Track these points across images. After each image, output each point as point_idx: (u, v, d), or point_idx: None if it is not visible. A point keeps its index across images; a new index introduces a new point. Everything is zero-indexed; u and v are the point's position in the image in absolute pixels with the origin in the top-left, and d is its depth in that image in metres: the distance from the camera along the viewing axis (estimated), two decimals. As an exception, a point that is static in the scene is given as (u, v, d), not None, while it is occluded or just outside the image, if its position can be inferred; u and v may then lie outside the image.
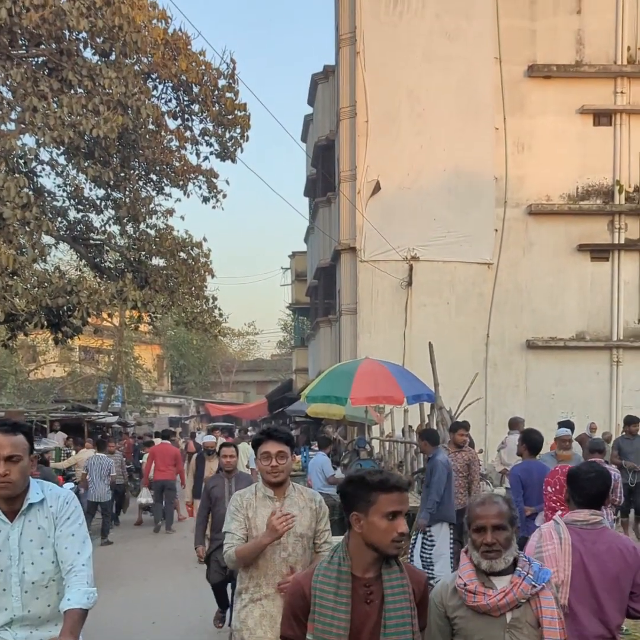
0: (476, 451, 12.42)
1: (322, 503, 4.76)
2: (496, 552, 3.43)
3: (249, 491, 4.76)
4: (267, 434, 4.69)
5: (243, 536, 4.59)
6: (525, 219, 23.93)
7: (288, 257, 39.95)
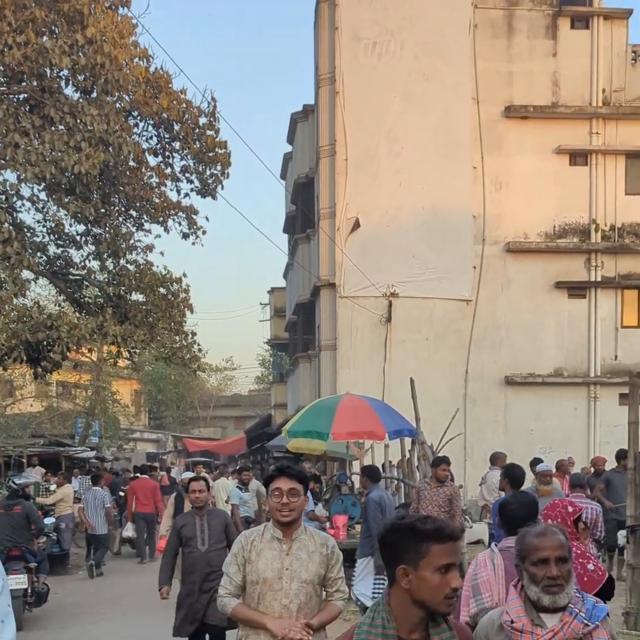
0: (457, 486, 12.46)
1: (335, 548, 4.53)
2: (559, 586, 3.19)
3: (255, 531, 4.55)
4: (279, 470, 4.49)
5: (240, 583, 4.42)
6: (503, 256, 24.19)
7: (267, 292, 40.13)
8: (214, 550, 7.41)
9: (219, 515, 7.91)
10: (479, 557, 4.60)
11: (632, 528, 8.80)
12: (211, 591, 7.11)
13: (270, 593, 4.31)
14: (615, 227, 24.54)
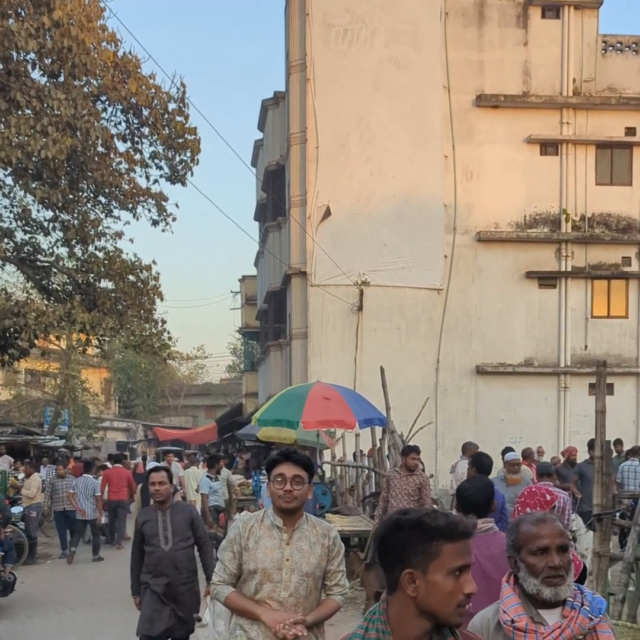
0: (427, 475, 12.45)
1: (337, 540, 4.28)
2: (561, 577, 2.92)
3: (254, 517, 4.28)
4: (284, 455, 4.22)
5: (235, 571, 4.17)
6: (474, 245, 24.22)
7: (238, 281, 39.90)
8: (179, 549, 6.86)
9: (183, 509, 7.15)
10: None
11: (598, 516, 8.78)
12: (177, 598, 6.80)
13: (268, 584, 4.09)
14: (585, 217, 24.64)
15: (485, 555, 4.35)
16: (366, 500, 14.82)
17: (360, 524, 12.76)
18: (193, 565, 7.01)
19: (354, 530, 12.63)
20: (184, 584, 6.88)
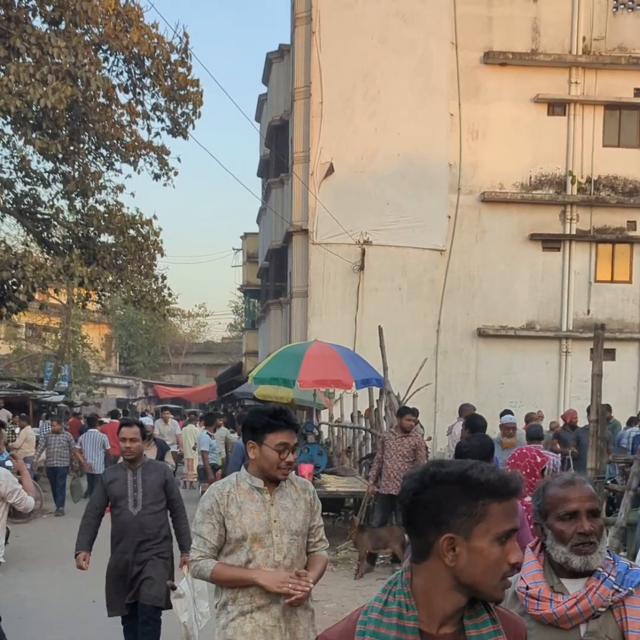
0: (425, 438, 12.38)
1: (315, 494, 4.11)
2: (592, 544, 2.67)
3: (228, 483, 3.95)
4: (285, 421, 3.88)
5: (216, 544, 3.86)
6: (478, 206, 23.93)
7: (240, 238, 39.52)
8: (150, 513, 6.20)
9: (156, 469, 6.40)
10: None
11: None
12: (145, 564, 6.18)
13: (261, 550, 3.82)
14: (591, 179, 24.30)
15: None
16: (362, 462, 14.77)
17: (356, 485, 12.72)
18: (165, 531, 6.34)
19: (350, 492, 12.61)
20: (154, 552, 6.23)
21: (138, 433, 6.24)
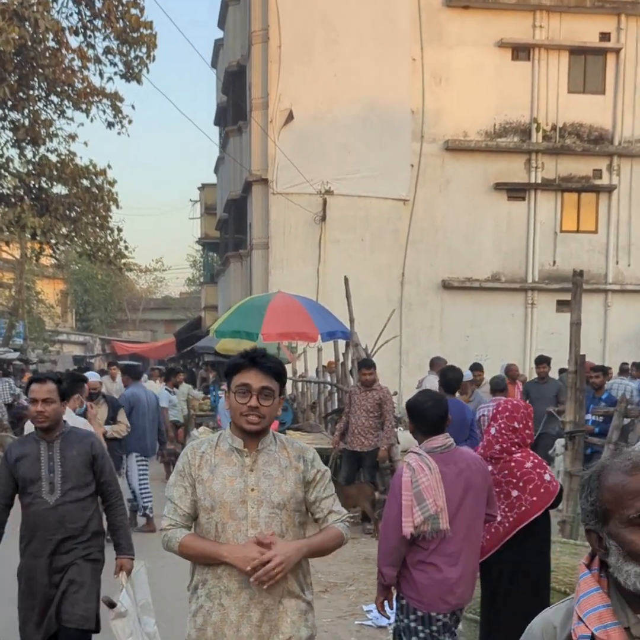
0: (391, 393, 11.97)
1: (315, 462, 3.42)
2: None
3: (206, 442, 3.38)
4: (251, 359, 3.27)
5: (189, 511, 3.30)
6: (441, 154, 23.40)
7: (197, 189, 38.84)
8: (72, 501, 4.60)
9: (80, 440, 4.71)
10: (411, 463, 4.30)
11: (570, 434, 8.35)
12: (67, 571, 4.61)
13: (231, 523, 3.21)
14: (556, 127, 23.88)
15: (454, 473, 4.29)
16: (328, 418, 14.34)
17: (322, 442, 12.27)
18: (94, 526, 4.75)
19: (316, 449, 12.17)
20: (80, 554, 4.66)
21: (54, 392, 4.63)
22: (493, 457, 5.02)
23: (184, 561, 3.42)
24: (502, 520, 4.89)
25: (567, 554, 6.55)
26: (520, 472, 4.94)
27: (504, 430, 5.03)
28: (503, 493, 4.93)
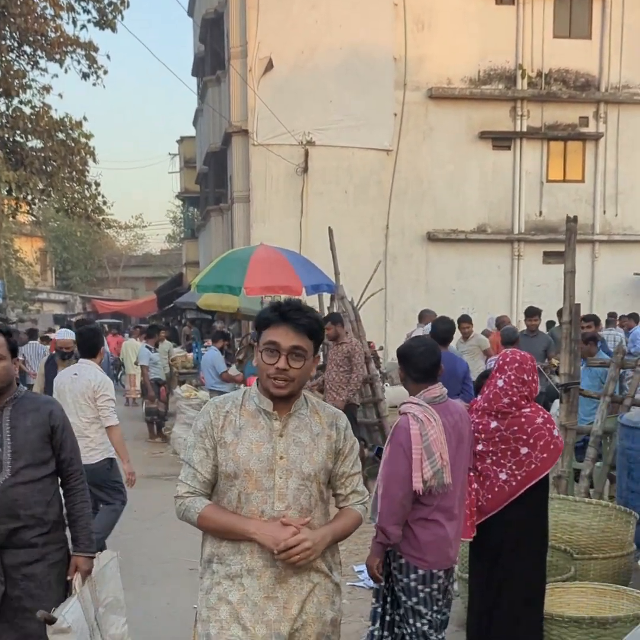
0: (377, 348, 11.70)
1: (348, 431, 3.08)
2: None
3: (230, 400, 3.02)
4: (281, 313, 2.90)
5: (209, 477, 2.96)
6: (425, 102, 22.85)
7: (176, 142, 38.17)
8: (25, 482, 3.72)
9: (37, 407, 3.84)
10: (416, 414, 4.04)
11: (565, 386, 8.07)
12: (19, 571, 3.69)
13: (257, 494, 2.88)
14: (542, 73, 23.36)
15: (451, 425, 4.13)
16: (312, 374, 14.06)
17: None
18: (54, 514, 3.83)
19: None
20: (38, 551, 3.75)
21: (3, 346, 3.74)
22: (500, 412, 4.72)
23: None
24: (507, 479, 4.66)
25: (567, 511, 6.38)
26: (531, 429, 4.68)
27: (514, 382, 4.73)
28: (510, 450, 4.68)
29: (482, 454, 4.74)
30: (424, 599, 4.09)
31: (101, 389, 6.55)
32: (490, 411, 4.69)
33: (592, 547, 6.15)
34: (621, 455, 7.38)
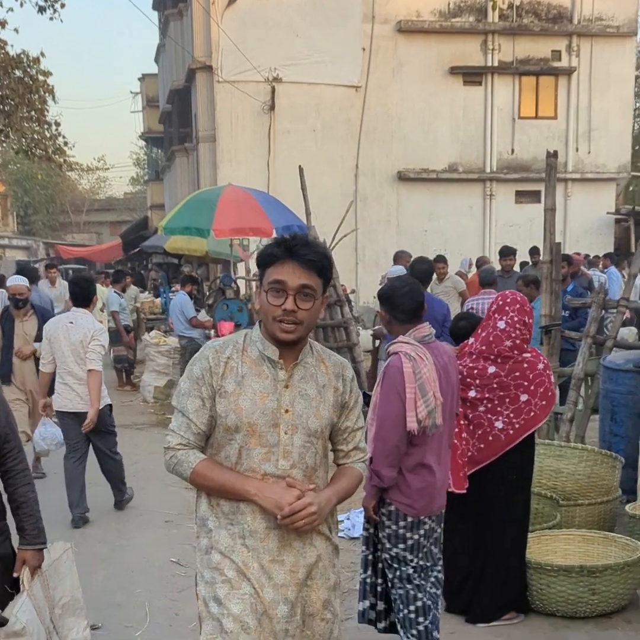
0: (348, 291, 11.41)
1: (354, 383, 2.81)
2: None
3: (231, 344, 2.69)
4: (287, 247, 2.58)
5: (204, 428, 2.66)
6: (394, 37, 22.22)
7: (138, 80, 37.21)
8: None
9: None
10: (408, 352, 3.89)
11: (546, 328, 7.87)
12: None
13: (260, 450, 2.62)
14: (513, 4, 22.79)
15: (441, 365, 4.00)
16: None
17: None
18: None
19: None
20: None
21: None
22: (501, 356, 4.48)
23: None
24: (504, 427, 4.50)
25: (552, 457, 6.27)
26: (533, 375, 4.49)
27: (517, 324, 4.50)
28: (509, 397, 4.49)
29: (474, 401, 4.53)
30: (411, 546, 4.02)
31: (96, 335, 6.71)
32: (489, 355, 4.48)
33: (578, 493, 6.06)
34: (604, 398, 7.23)
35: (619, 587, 4.82)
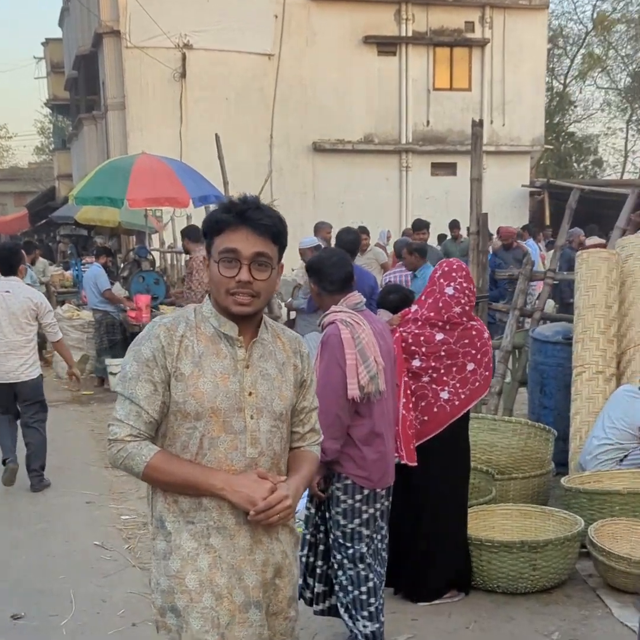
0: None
1: (310, 360, 2.57)
2: None
3: (182, 320, 2.39)
4: (238, 212, 2.30)
5: (157, 417, 2.34)
6: (307, 4, 21.98)
7: (41, 44, 36.00)
8: None
9: None
10: (345, 318, 3.75)
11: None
12: None
13: (224, 437, 2.34)
14: (427, -26, 22.72)
15: (377, 331, 3.87)
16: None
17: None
18: None
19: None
20: None
21: None
22: (450, 322, 4.32)
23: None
24: (449, 397, 4.34)
25: (485, 431, 6.20)
26: (480, 343, 4.37)
27: (466, 290, 4.35)
28: (457, 366, 4.34)
29: (418, 370, 4.36)
30: (367, 520, 3.90)
31: (45, 306, 6.72)
32: (437, 321, 4.33)
33: (512, 467, 6.01)
34: (533, 370, 7.20)
35: (559, 562, 4.77)
